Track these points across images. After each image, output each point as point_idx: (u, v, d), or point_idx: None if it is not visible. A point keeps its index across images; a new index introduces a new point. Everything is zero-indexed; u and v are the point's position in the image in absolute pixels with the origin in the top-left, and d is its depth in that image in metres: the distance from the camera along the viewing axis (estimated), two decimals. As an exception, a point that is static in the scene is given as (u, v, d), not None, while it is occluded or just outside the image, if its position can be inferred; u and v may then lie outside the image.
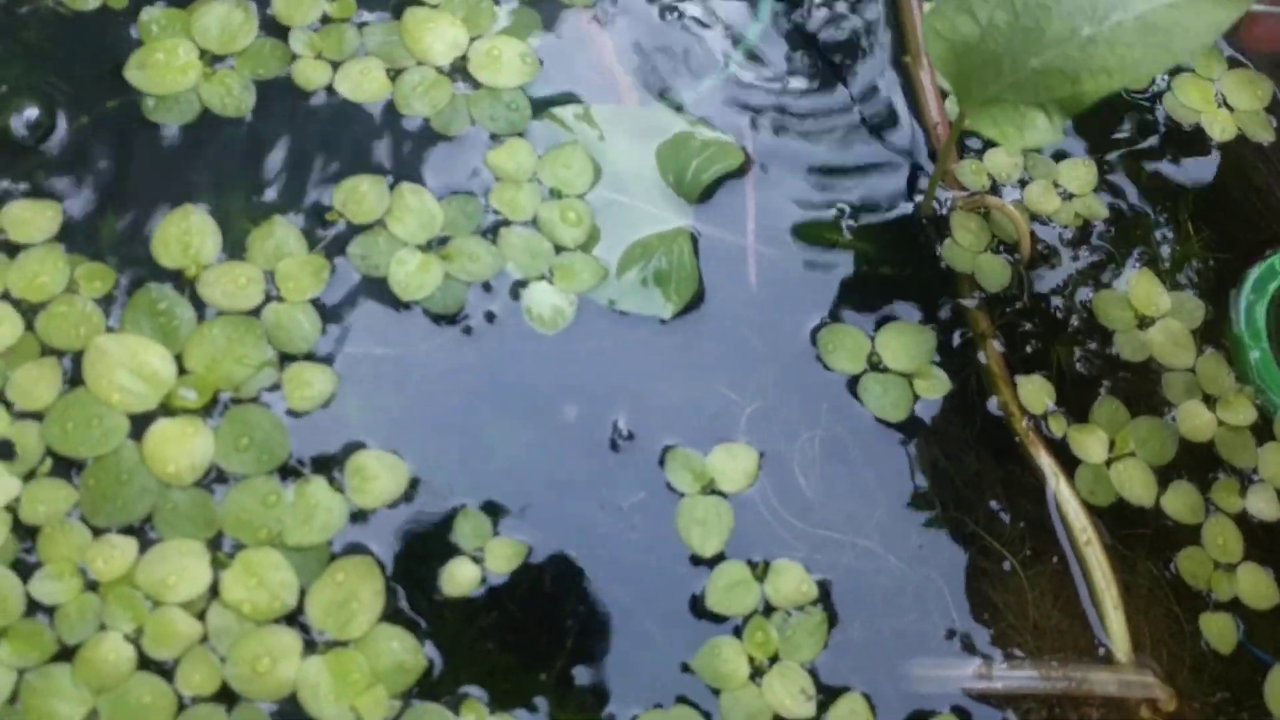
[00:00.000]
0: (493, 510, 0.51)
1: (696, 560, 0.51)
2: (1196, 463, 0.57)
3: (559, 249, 0.56)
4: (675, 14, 0.63)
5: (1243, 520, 0.56)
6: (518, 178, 0.57)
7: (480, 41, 0.60)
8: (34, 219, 0.53)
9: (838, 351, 0.56)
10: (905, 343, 0.57)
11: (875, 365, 0.56)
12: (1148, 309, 0.59)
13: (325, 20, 0.59)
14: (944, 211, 0.60)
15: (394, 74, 0.58)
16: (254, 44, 0.58)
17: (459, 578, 0.49)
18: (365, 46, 0.59)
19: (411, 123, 0.58)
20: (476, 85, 0.59)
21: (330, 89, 0.58)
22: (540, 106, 0.59)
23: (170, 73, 0.57)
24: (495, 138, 0.58)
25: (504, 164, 0.57)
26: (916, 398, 0.56)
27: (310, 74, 0.58)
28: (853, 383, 0.56)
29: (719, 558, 0.51)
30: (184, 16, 0.58)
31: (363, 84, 0.58)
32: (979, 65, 0.49)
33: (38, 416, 0.49)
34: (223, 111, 0.57)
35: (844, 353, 0.56)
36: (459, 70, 0.59)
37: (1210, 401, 0.58)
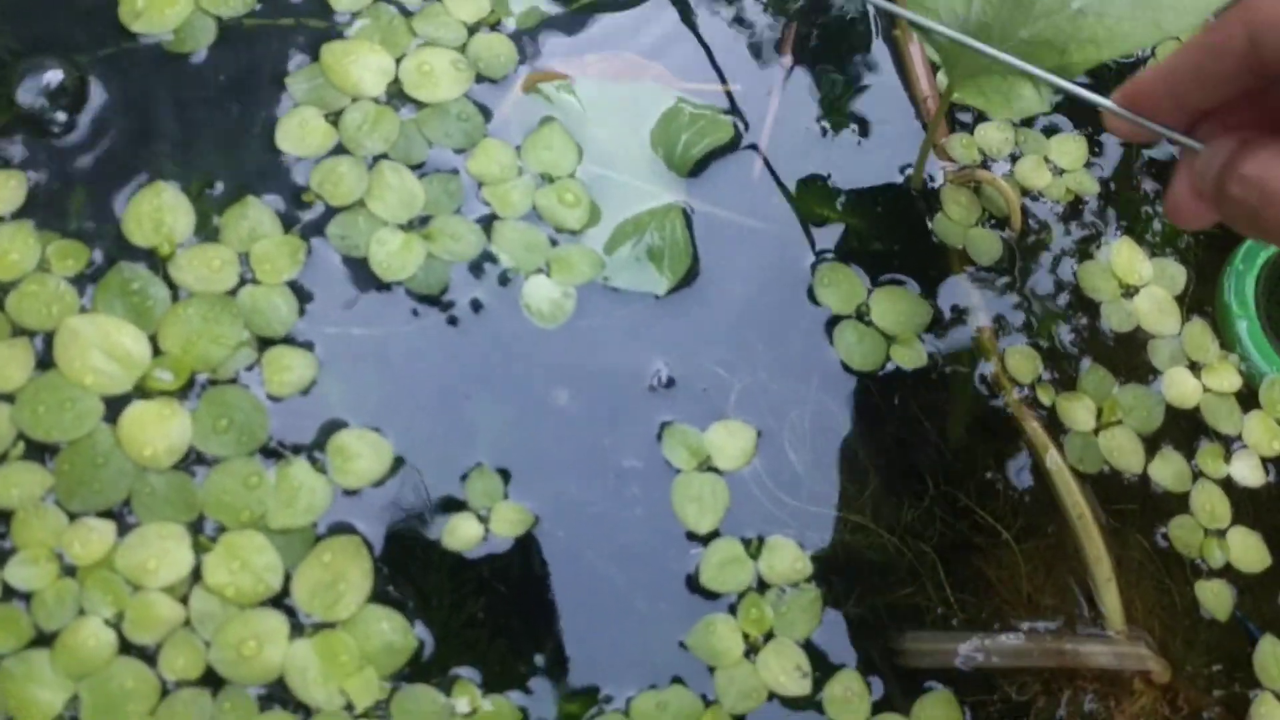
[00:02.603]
0: (481, 490, 0.50)
1: (692, 537, 0.50)
2: (1182, 431, 0.57)
3: (561, 230, 0.55)
4: None
5: (1227, 487, 0.56)
6: (504, 177, 0.55)
7: (407, 60, 0.57)
8: (-2, 191, 0.51)
9: (832, 288, 0.56)
10: (899, 308, 0.56)
11: (861, 315, 0.56)
12: (1130, 277, 0.59)
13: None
14: (935, 186, 0.60)
15: (333, 117, 0.55)
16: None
17: (461, 532, 0.49)
18: (293, 97, 0.55)
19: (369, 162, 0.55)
20: (420, 105, 0.56)
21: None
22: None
23: (166, 4, 0.55)
24: (459, 152, 0.56)
25: (486, 168, 0.55)
26: (889, 359, 0.55)
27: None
28: (832, 324, 0.55)
29: (714, 535, 0.51)
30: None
31: (304, 138, 0.54)
32: (967, 36, 0.48)
33: (9, 399, 0.48)
34: (234, 11, 0.56)
35: (837, 291, 0.56)
36: (396, 95, 0.56)
37: (1196, 369, 0.58)
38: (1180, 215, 0.40)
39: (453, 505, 0.49)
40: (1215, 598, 0.54)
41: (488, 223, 0.55)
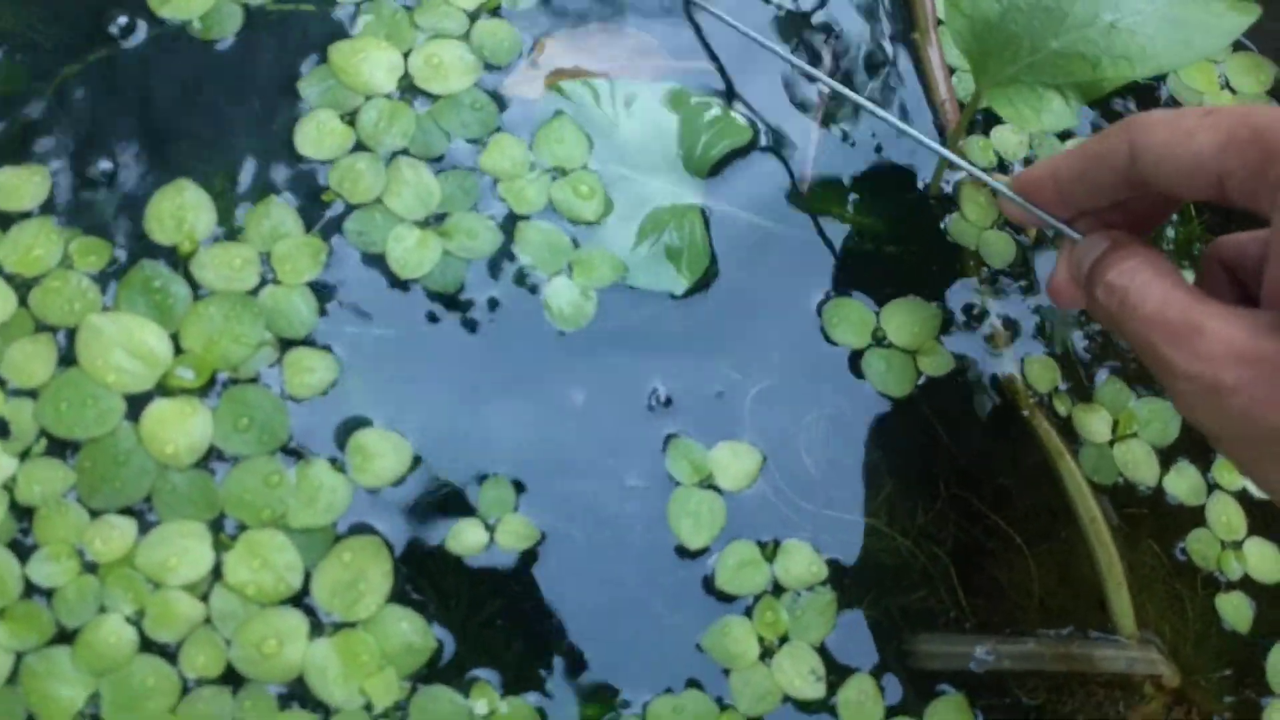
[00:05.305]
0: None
1: (683, 552, 0.50)
2: (1197, 443, 0.57)
3: (578, 223, 0.55)
4: None
5: (1242, 499, 0.57)
6: (517, 172, 0.56)
7: (415, 54, 0.57)
8: (22, 186, 0.51)
9: (842, 325, 0.56)
10: (911, 319, 0.56)
11: (879, 340, 0.56)
12: (1146, 287, 0.59)
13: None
14: (950, 189, 0.60)
15: (349, 117, 0.55)
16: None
17: (465, 538, 0.49)
18: (308, 101, 0.55)
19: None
20: (433, 98, 0.56)
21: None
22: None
23: None
24: (476, 141, 0.56)
25: (499, 164, 0.56)
26: (920, 374, 0.55)
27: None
28: (856, 358, 0.55)
29: (704, 552, 0.51)
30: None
31: (323, 140, 0.54)
32: (998, 44, 0.48)
33: (32, 395, 0.48)
34: None
35: (848, 326, 0.56)
36: (409, 90, 0.56)
37: (1211, 381, 0.58)
38: (1061, 298, 0.44)
39: (463, 509, 0.49)
40: (1235, 610, 0.54)
41: (507, 221, 0.55)
